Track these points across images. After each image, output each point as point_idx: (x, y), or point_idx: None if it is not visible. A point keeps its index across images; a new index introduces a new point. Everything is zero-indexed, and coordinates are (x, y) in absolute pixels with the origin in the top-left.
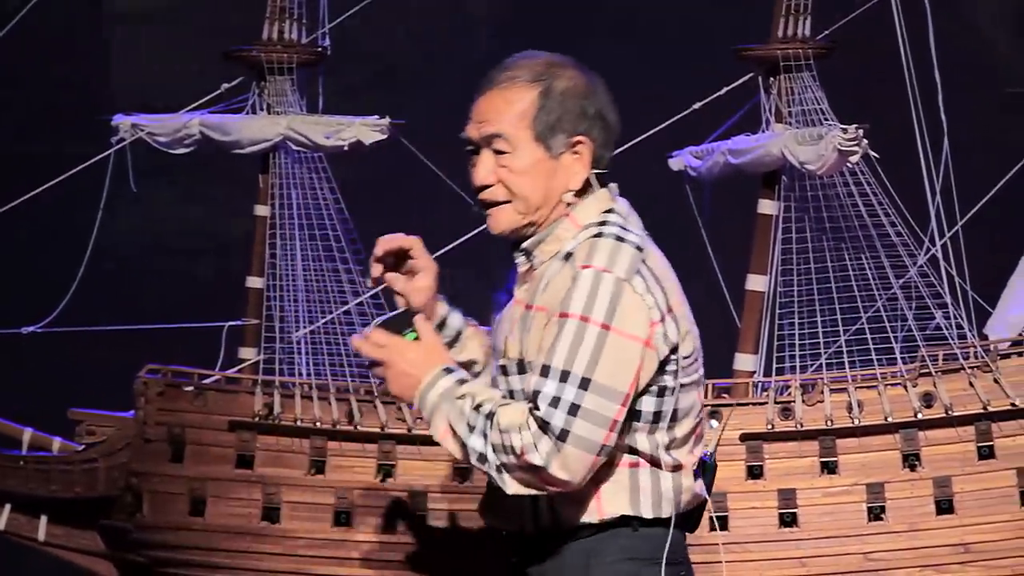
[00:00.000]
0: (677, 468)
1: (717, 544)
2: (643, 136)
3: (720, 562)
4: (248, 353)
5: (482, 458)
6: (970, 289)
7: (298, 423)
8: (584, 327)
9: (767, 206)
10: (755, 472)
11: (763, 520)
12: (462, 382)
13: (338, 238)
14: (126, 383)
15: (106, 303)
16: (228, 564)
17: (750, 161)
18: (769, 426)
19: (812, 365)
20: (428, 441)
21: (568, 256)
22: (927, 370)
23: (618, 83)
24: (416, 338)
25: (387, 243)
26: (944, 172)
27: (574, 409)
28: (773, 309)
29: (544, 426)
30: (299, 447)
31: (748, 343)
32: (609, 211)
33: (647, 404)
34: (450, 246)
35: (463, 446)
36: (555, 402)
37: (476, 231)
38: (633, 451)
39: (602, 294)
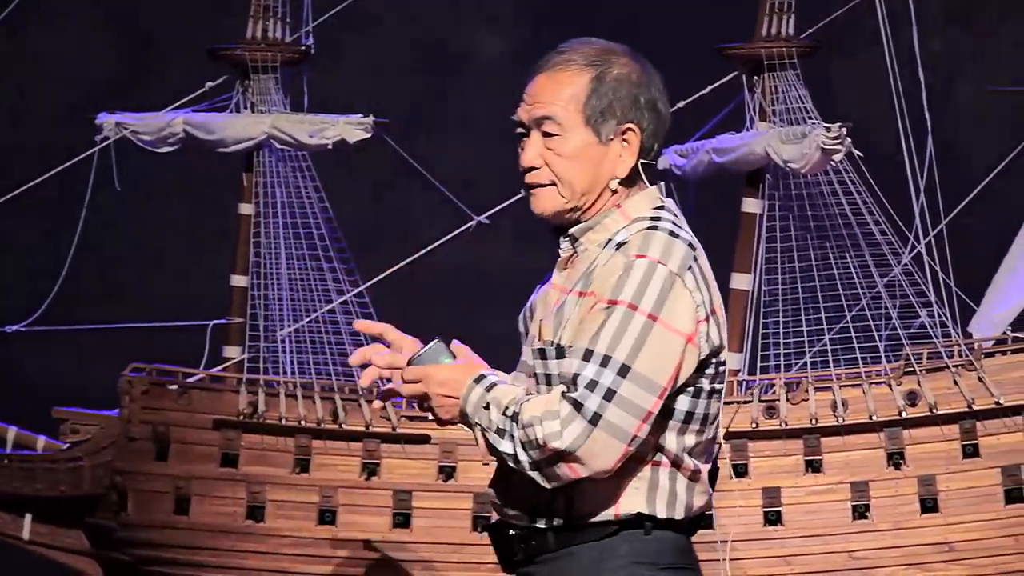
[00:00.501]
0: (695, 474)
1: (712, 542)
2: None
3: (718, 560)
4: (233, 352)
5: (515, 460)
6: (955, 287)
7: (283, 422)
8: (631, 315)
9: (751, 204)
10: (740, 470)
11: (748, 518)
12: (490, 388)
13: (322, 236)
14: (110, 382)
15: (90, 302)
16: (213, 563)
17: (734, 160)
18: (754, 424)
19: (797, 364)
20: (413, 440)
21: (620, 245)
22: (911, 369)
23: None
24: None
25: (362, 327)
26: (928, 170)
27: (610, 394)
28: (757, 308)
29: (577, 407)
30: (284, 446)
31: (732, 342)
32: (660, 207)
33: (682, 403)
34: (435, 244)
35: (499, 453)
36: (591, 385)
37: (460, 230)
38: (659, 449)
39: (653, 285)
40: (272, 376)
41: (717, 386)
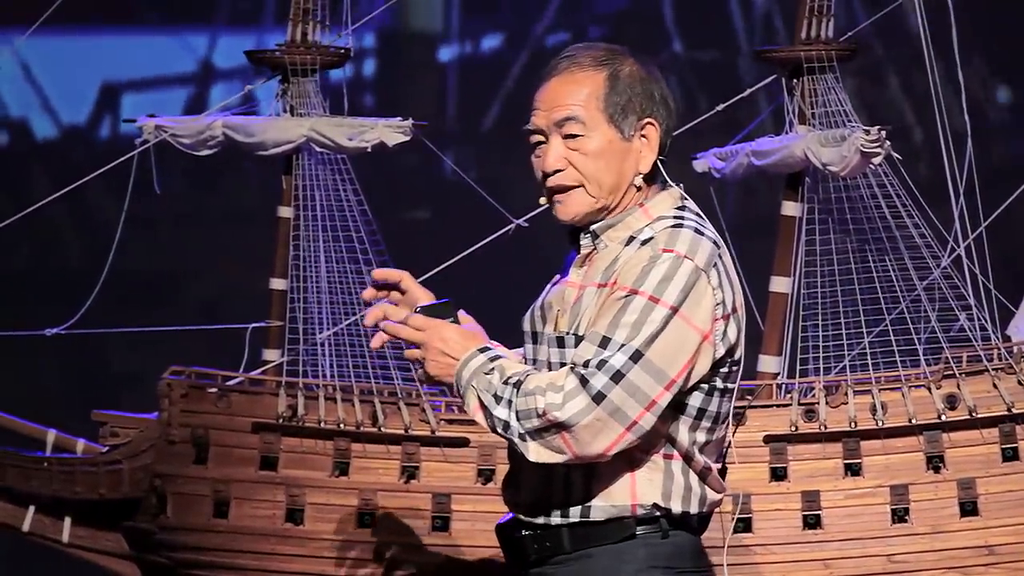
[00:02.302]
0: (707, 471)
1: (745, 546)
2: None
3: (744, 564)
4: (272, 355)
5: (506, 426)
6: (994, 290)
7: (322, 425)
8: (652, 306)
9: (790, 208)
10: (779, 474)
11: (787, 522)
12: (495, 359)
13: (361, 239)
14: (150, 385)
15: (129, 304)
16: (252, 566)
17: (773, 163)
18: (793, 428)
19: (836, 367)
20: (452, 443)
21: (645, 242)
22: (951, 372)
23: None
24: (456, 323)
25: (379, 274)
26: (968, 173)
27: (618, 376)
28: (797, 311)
29: (584, 382)
30: (323, 449)
31: (771, 345)
32: (682, 207)
33: (695, 400)
34: (473, 248)
35: (490, 418)
36: (601, 364)
37: (499, 233)
38: (671, 442)
39: (678, 279)
40: (311, 379)
41: (730, 385)
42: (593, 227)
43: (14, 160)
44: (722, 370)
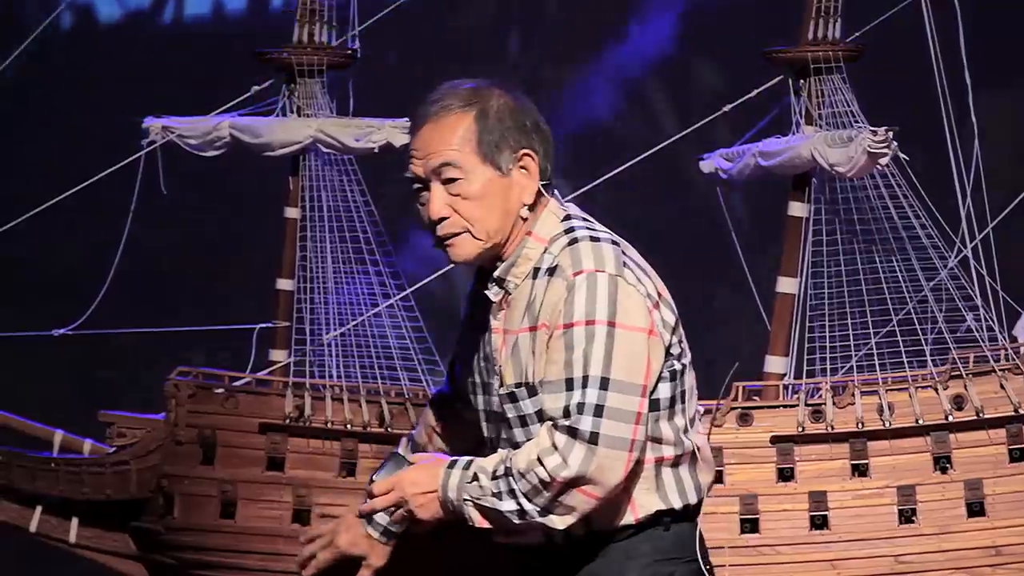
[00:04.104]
0: (696, 450)
1: (752, 546)
2: (674, 138)
3: (751, 564)
4: (279, 355)
5: (522, 514)
6: (1001, 291)
7: (329, 425)
8: (592, 330)
9: (797, 208)
10: (786, 474)
11: (794, 522)
12: (467, 465)
13: (368, 240)
14: (157, 385)
15: (136, 305)
16: (259, 566)
17: (780, 163)
18: (800, 428)
19: (843, 367)
20: None
21: (552, 270)
22: (958, 372)
23: (647, 85)
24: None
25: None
26: (975, 174)
27: (599, 410)
28: (804, 311)
29: (574, 433)
30: (330, 449)
31: (779, 345)
32: (567, 218)
33: (663, 391)
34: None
35: (501, 516)
36: (580, 408)
37: None
38: (657, 442)
39: (600, 294)
40: (318, 380)
41: (685, 361)
42: (496, 274)
43: (77, 41)
44: (673, 351)
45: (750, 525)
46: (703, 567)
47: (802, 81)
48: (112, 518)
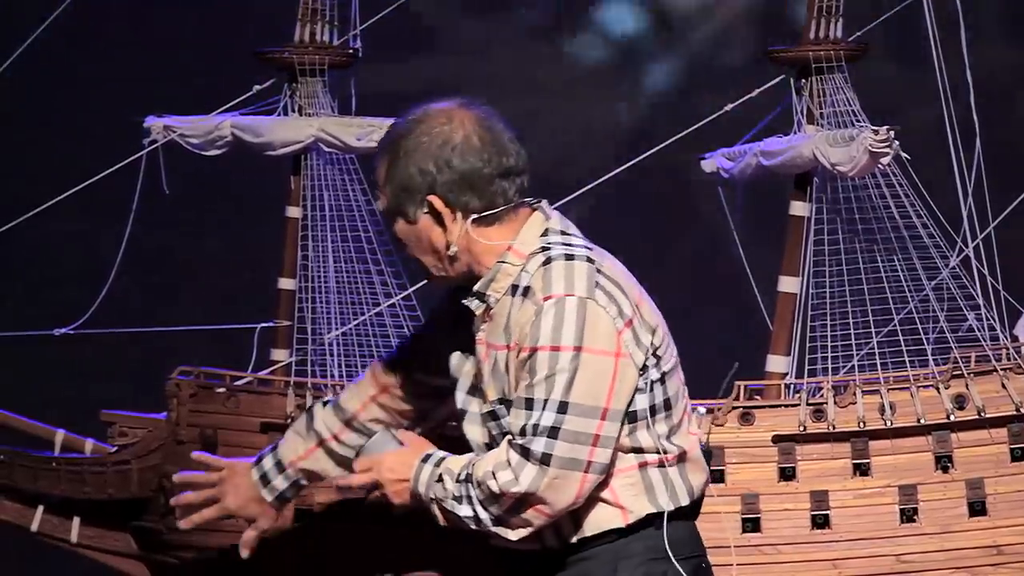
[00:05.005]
0: (682, 456)
1: (753, 546)
2: (675, 138)
3: (753, 564)
4: (280, 355)
5: (477, 521)
6: (1002, 290)
7: None
8: (557, 355)
9: (799, 207)
10: (787, 474)
11: (795, 522)
12: (439, 463)
13: (369, 239)
14: (158, 385)
15: (138, 305)
16: (259, 566)
17: (782, 163)
18: (801, 428)
19: (844, 367)
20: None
21: (526, 291)
22: (959, 372)
23: (652, 84)
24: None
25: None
26: (976, 173)
27: (554, 432)
28: (805, 311)
29: (526, 453)
30: None
31: (780, 345)
32: (545, 232)
33: (640, 402)
34: None
35: (460, 520)
36: (535, 428)
37: None
38: (638, 450)
39: (568, 319)
40: (320, 379)
41: (666, 368)
42: (476, 288)
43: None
44: (650, 363)
45: (752, 524)
46: (701, 564)
47: (804, 80)
48: (114, 517)
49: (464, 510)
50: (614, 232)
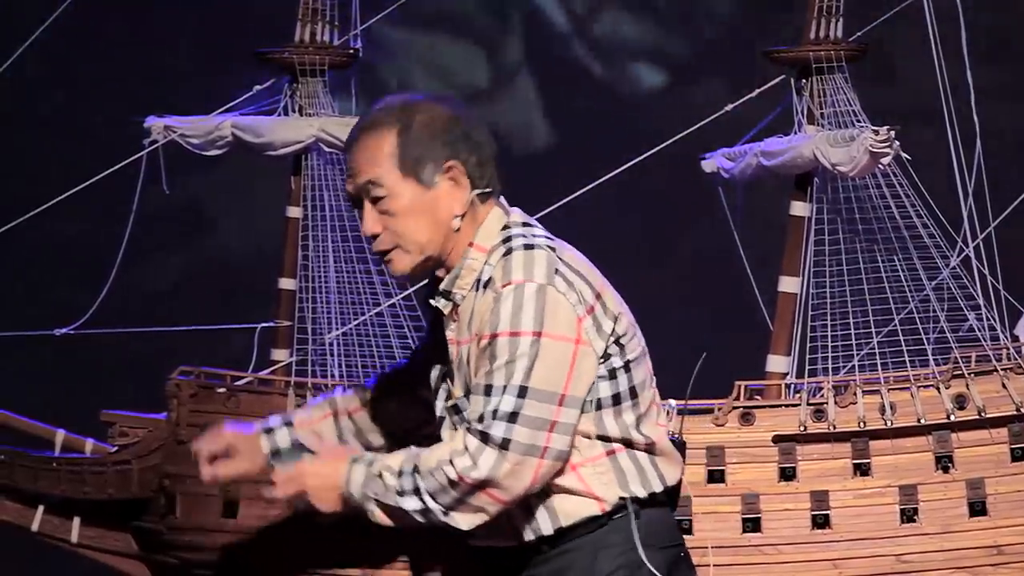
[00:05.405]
0: (651, 444)
1: (754, 546)
2: (675, 138)
3: (753, 564)
4: (281, 355)
5: (424, 512)
6: (1003, 290)
7: None
8: (516, 341)
9: (799, 208)
10: (788, 474)
11: (796, 522)
12: (371, 462)
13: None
14: (159, 385)
15: (138, 305)
16: (260, 565)
17: (782, 163)
18: (802, 428)
19: (845, 367)
20: None
21: (488, 283)
22: (960, 372)
23: (655, 84)
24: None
25: (204, 452)
26: (976, 173)
27: (513, 417)
28: (805, 311)
29: (485, 438)
30: None
31: (780, 345)
32: (505, 227)
33: (604, 390)
34: None
35: (405, 515)
36: (494, 414)
37: None
38: (605, 439)
39: (527, 305)
40: (320, 379)
41: (631, 356)
42: (442, 286)
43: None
44: (612, 351)
45: (752, 524)
46: (679, 554)
47: (804, 80)
48: (114, 518)
49: (410, 503)
50: (614, 232)
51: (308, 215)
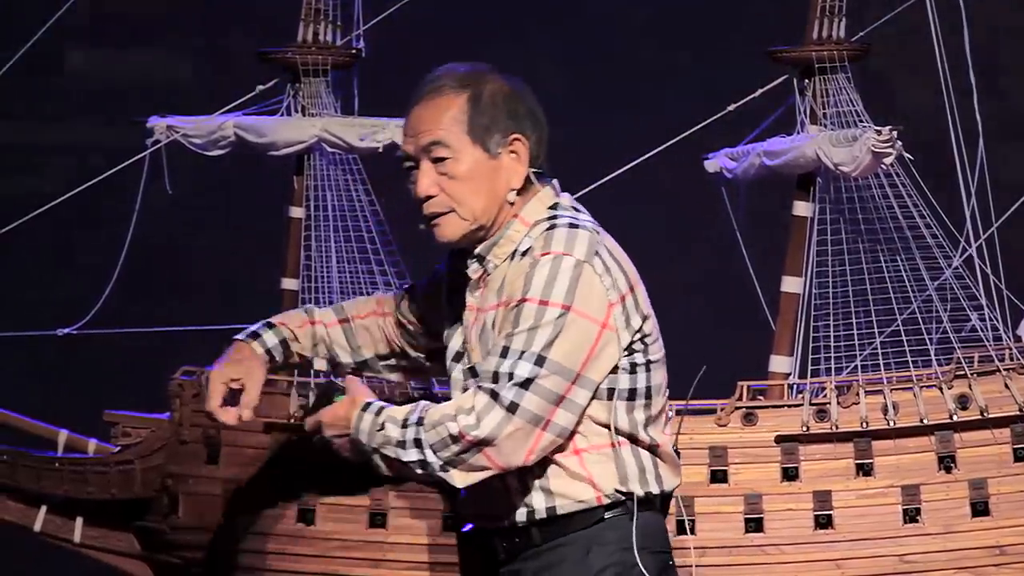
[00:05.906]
0: (655, 447)
1: (756, 546)
2: (678, 137)
3: (756, 564)
4: None
5: (423, 464)
6: (1006, 290)
7: None
8: (544, 309)
9: (802, 208)
10: (790, 474)
11: (798, 522)
12: (379, 411)
13: (372, 240)
14: (161, 385)
15: (141, 305)
16: (264, 566)
17: (785, 163)
18: (804, 428)
19: (847, 367)
20: None
21: (525, 253)
22: (963, 372)
23: (656, 85)
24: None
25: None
26: (979, 172)
27: (527, 383)
28: (808, 311)
29: (495, 397)
30: None
31: (783, 345)
32: (554, 206)
33: (622, 382)
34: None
35: (404, 466)
36: (509, 376)
37: None
38: (614, 429)
39: (561, 277)
40: (322, 379)
41: (653, 357)
42: (477, 251)
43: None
44: (636, 346)
45: (754, 525)
46: (668, 562)
47: (807, 80)
48: (117, 517)
49: (410, 455)
50: (613, 232)
51: (311, 215)
